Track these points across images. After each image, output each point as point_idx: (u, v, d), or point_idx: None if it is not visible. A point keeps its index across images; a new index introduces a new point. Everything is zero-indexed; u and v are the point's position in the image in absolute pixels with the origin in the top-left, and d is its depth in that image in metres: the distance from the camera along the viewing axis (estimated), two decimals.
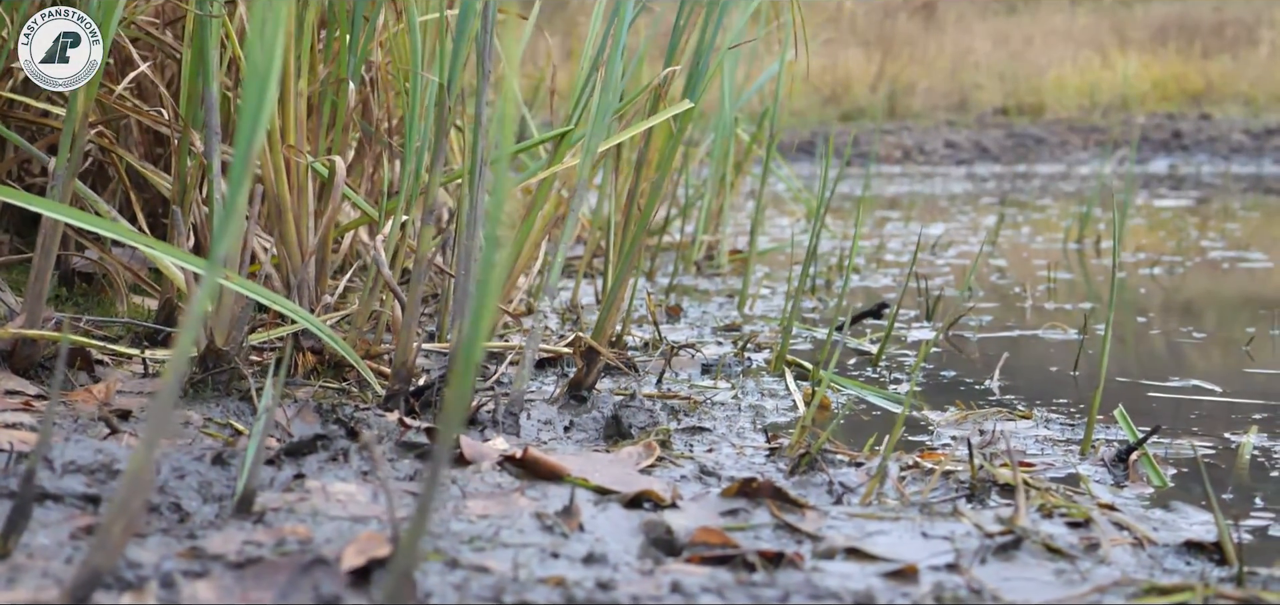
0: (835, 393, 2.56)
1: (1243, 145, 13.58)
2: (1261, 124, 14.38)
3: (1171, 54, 17.71)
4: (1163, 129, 14.52)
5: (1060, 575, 1.43)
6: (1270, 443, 2.15)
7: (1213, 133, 14.18)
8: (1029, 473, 1.92)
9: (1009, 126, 15.23)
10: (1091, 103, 16.38)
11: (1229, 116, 15.23)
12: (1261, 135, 13.84)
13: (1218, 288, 4.24)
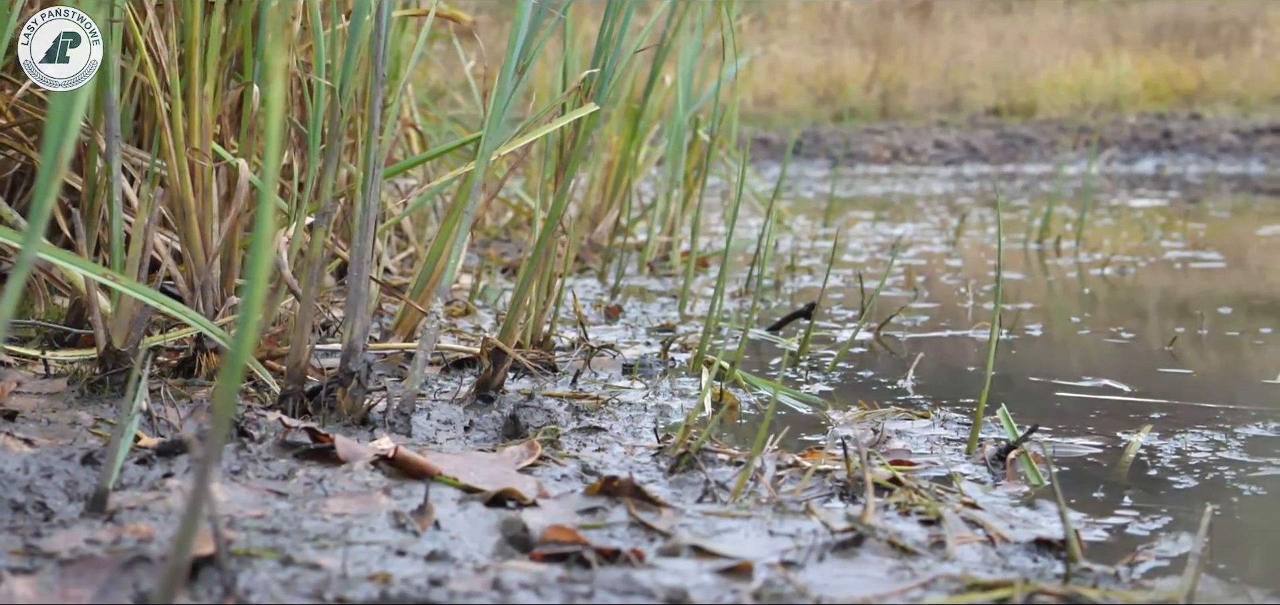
0: (749, 392, 2.58)
1: (1231, 145, 13.58)
2: (1251, 124, 14.38)
3: (1165, 54, 17.71)
4: (1152, 129, 14.53)
5: (892, 572, 1.45)
6: (1159, 442, 2.18)
7: (1202, 133, 14.18)
8: (905, 471, 1.94)
9: (1000, 126, 15.23)
10: (1083, 102, 16.38)
11: (1219, 116, 15.23)
12: (1250, 135, 13.84)
13: (1163, 288, 4.26)
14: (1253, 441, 2.19)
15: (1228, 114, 15.44)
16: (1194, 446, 2.15)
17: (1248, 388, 2.71)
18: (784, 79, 18.73)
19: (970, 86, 17.52)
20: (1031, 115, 16.28)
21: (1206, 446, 2.15)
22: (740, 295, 3.96)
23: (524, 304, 2.42)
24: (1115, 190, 9.25)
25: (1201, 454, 2.10)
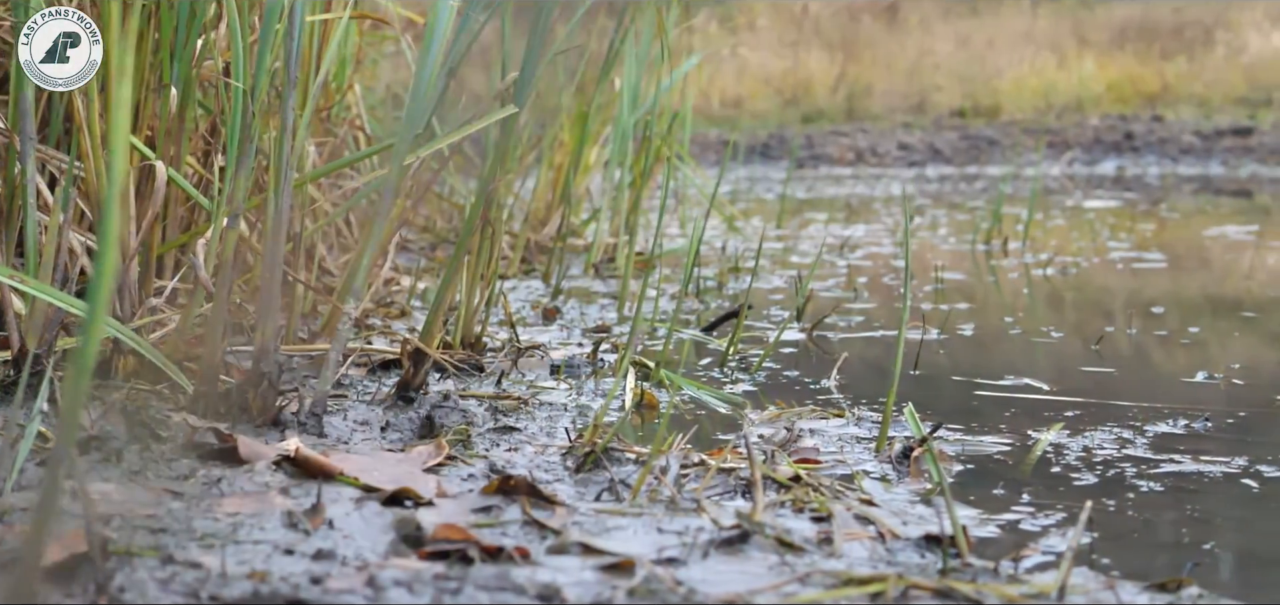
0: (672, 392, 2.60)
1: (1192, 146, 13.66)
2: (1212, 126, 14.46)
3: (1129, 56, 17.79)
4: (1115, 130, 14.60)
5: (773, 568, 1.47)
6: (1068, 440, 2.20)
7: (1164, 134, 14.26)
8: (810, 469, 1.96)
9: (964, 128, 15.29)
10: (1047, 104, 16.44)
11: (1181, 118, 15.31)
12: (1211, 137, 13.91)
13: (1101, 288, 4.29)
14: (1160, 439, 2.21)
15: (1190, 116, 15.53)
16: (1101, 444, 2.17)
17: (1166, 386, 2.73)
18: (751, 81, 18.76)
19: (936, 88, 17.57)
20: (996, 117, 16.34)
21: (1114, 444, 2.18)
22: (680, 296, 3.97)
23: (444, 306, 2.44)
24: (1072, 192, 9.29)
25: (1107, 451, 2.13)
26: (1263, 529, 1.78)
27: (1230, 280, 4.59)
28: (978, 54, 18.54)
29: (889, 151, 13.93)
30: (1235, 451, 2.12)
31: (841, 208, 7.97)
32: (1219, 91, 16.50)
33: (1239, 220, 6.90)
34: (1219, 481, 1.97)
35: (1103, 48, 18.40)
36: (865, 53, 19.19)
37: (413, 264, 4.48)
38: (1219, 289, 4.42)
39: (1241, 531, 1.75)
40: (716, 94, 18.31)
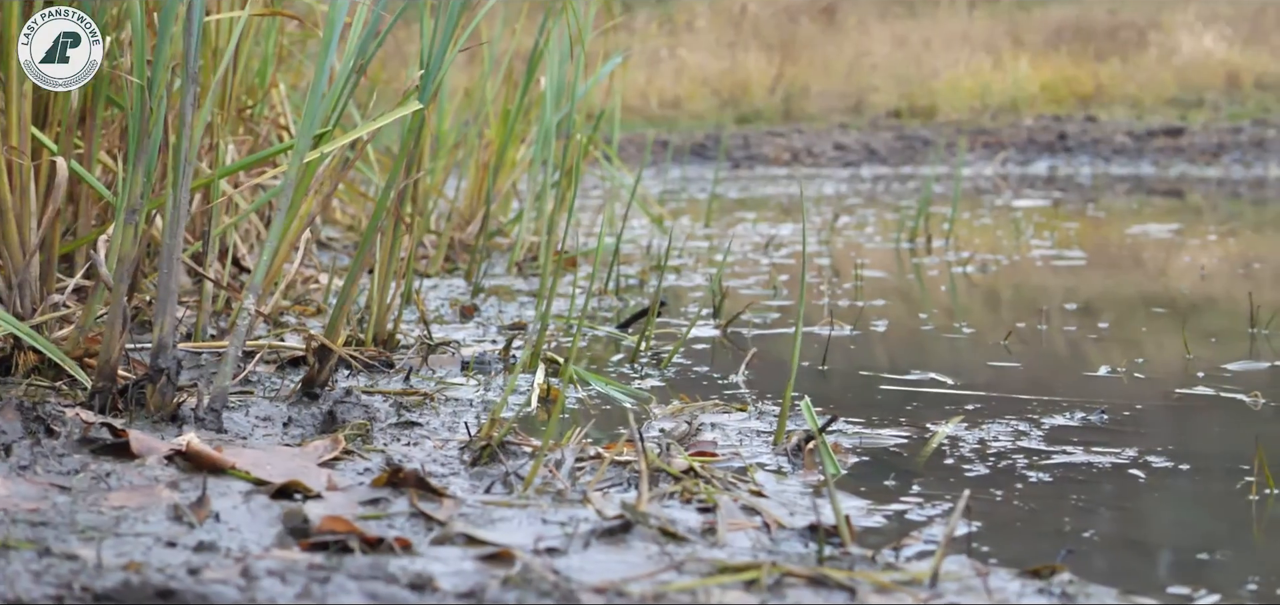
0: (581, 387, 2.61)
1: (1125, 147, 13.78)
2: (1144, 126, 14.60)
3: (1063, 57, 17.93)
4: (1049, 131, 14.71)
5: (651, 557, 1.49)
6: (965, 432, 2.23)
7: (1097, 134, 14.38)
8: (706, 462, 1.98)
9: (899, 129, 15.37)
10: (982, 105, 16.56)
11: (1115, 118, 15.45)
12: (1143, 137, 14.05)
13: (1018, 285, 4.34)
14: (1055, 431, 2.25)
15: (1123, 116, 15.67)
16: (997, 436, 2.20)
17: (1069, 380, 2.77)
18: (690, 82, 18.80)
19: (873, 89, 17.66)
20: (932, 118, 16.43)
21: (1009, 436, 2.20)
22: (600, 293, 4.00)
23: (349, 302, 2.44)
24: (1003, 192, 9.37)
25: (1002, 443, 2.16)
26: (1143, 518, 1.81)
27: (1145, 277, 4.65)
28: (914, 55, 18.65)
29: (825, 152, 13.99)
30: (1127, 443, 2.15)
31: (773, 208, 8.00)
32: (1152, 92, 16.65)
33: (1163, 219, 6.98)
34: (1107, 472, 2.00)
35: (1038, 49, 18.53)
36: (803, 54, 19.27)
37: (334, 262, 4.47)
38: (1133, 286, 4.47)
39: (1123, 521, 1.78)
40: (655, 94, 18.34)
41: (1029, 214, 7.26)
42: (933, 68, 17.96)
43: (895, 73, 18.00)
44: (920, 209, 5.69)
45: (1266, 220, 7.23)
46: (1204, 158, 13.06)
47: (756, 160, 13.79)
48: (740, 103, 18.11)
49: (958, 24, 20.18)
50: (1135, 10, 19.64)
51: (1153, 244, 5.63)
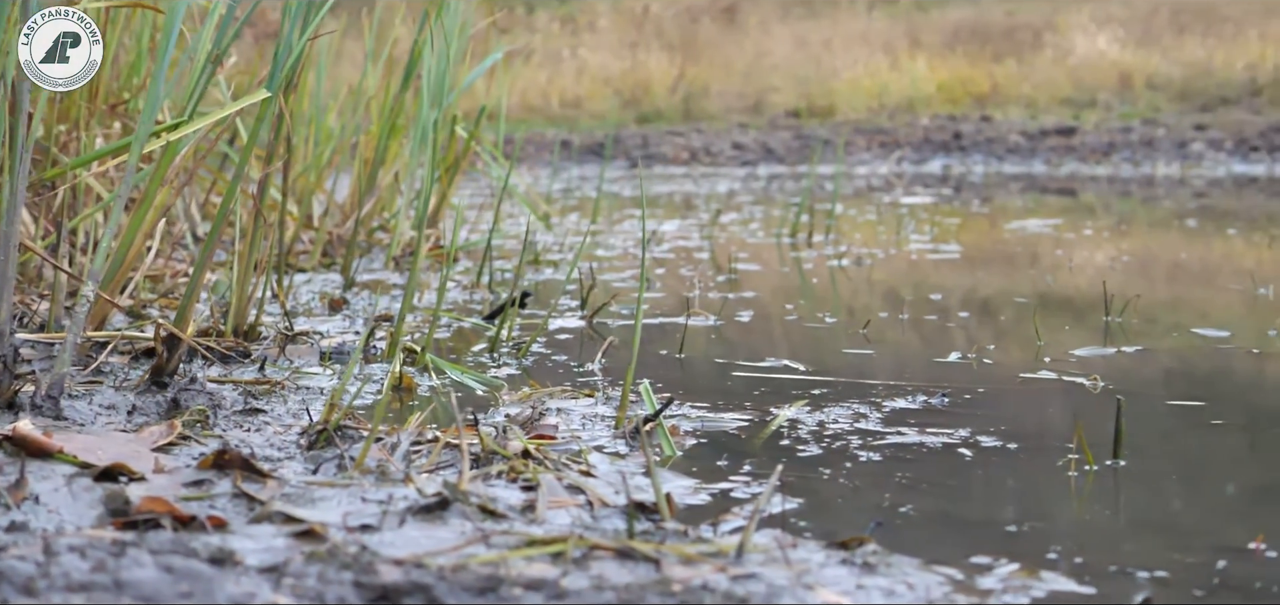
0: (439, 376, 2.63)
1: (1018, 146, 13.97)
2: (1037, 126, 14.80)
3: (960, 58, 18.13)
4: (944, 130, 14.88)
5: (464, 532, 1.51)
6: (806, 415, 2.26)
7: (991, 134, 14.56)
8: (544, 444, 2.00)
9: (798, 128, 15.49)
10: (880, 105, 16.71)
11: (1009, 118, 15.65)
12: (1036, 136, 14.24)
13: (889, 277, 4.39)
14: (895, 413, 2.29)
15: (1017, 116, 15.87)
16: (836, 419, 2.24)
17: (919, 366, 2.82)
18: (591, 82, 18.83)
19: (773, 89, 17.77)
20: (830, 117, 16.56)
21: (848, 418, 2.24)
22: (472, 287, 4.01)
23: (197, 292, 2.44)
24: (894, 189, 9.47)
25: (840, 425, 2.19)
26: (962, 494, 1.85)
27: (1014, 270, 4.72)
28: (814, 55, 18.78)
29: (723, 151, 14.06)
30: (962, 424, 2.20)
31: (664, 205, 8.04)
32: (1046, 92, 16.88)
33: (1045, 215, 7.09)
34: (937, 451, 2.04)
35: (936, 50, 18.73)
36: (704, 54, 19.35)
37: None
38: (1001, 279, 4.54)
39: (942, 496, 1.82)
40: (556, 94, 18.36)
41: (914, 210, 7.34)
42: (832, 68, 18.10)
43: (795, 73, 18.13)
44: (802, 205, 5.74)
45: (1146, 217, 7.36)
46: (1095, 157, 13.26)
47: (655, 159, 13.83)
48: (641, 102, 18.16)
49: (857, 25, 20.35)
50: (1032, 12, 19.90)
51: (1029, 239, 5.72)
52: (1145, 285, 4.20)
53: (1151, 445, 2.11)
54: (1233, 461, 2.06)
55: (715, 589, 1.34)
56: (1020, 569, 1.48)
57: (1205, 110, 15.55)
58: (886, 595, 1.39)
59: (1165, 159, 12.95)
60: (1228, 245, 5.47)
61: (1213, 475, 1.98)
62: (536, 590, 1.29)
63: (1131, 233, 6.20)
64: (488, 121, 6.19)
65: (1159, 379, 2.72)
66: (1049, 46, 18.39)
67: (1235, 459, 2.07)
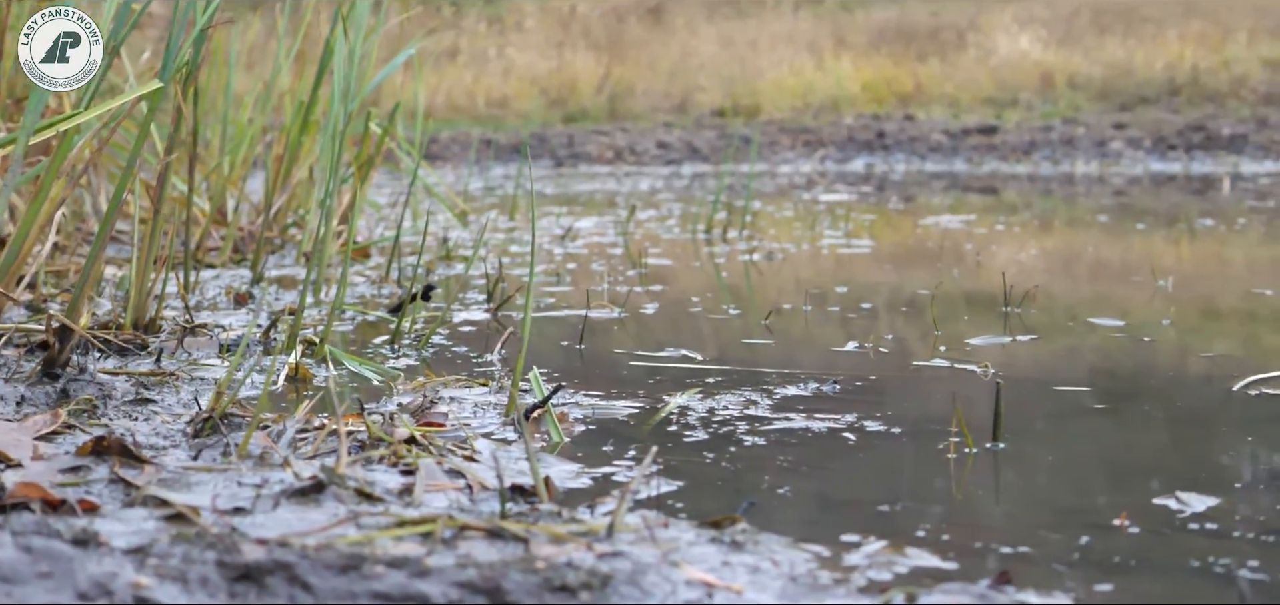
0: (336, 367, 2.63)
1: (940, 145, 14.08)
2: (960, 125, 14.93)
3: (884, 57, 18.25)
4: (868, 129, 14.98)
5: (336, 515, 1.52)
6: (697, 403, 2.28)
7: (914, 133, 14.67)
8: (433, 431, 2.01)
9: (723, 127, 15.54)
10: (804, 104, 16.80)
11: (932, 117, 15.77)
12: (959, 135, 14.36)
13: (799, 271, 4.42)
14: (786, 400, 2.31)
15: (940, 115, 16.00)
16: (727, 406, 2.26)
17: (814, 355, 2.85)
18: (518, 81, 18.82)
19: (699, 88, 17.82)
20: (756, 116, 16.63)
21: (739, 405, 2.26)
22: (381, 282, 4.01)
23: (89, 285, 2.43)
24: (816, 186, 9.52)
25: (730, 412, 2.22)
26: (841, 476, 1.87)
27: (922, 263, 4.76)
28: (740, 55, 18.86)
29: (648, 150, 14.09)
30: (850, 410, 2.22)
31: (585, 202, 8.05)
32: (969, 92, 17.03)
33: (959, 212, 7.15)
34: (822, 436, 2.06)
35: (861, 50, 18.85)
36: (630, 53, 19.38)
37: (119, 254, 4.43)
38: (908, 271, 4.58)
39: (821, 479, 1.84)
40: (482, 94, 18.33)
41: (832, 208, 7.39)
42: (757, 68, 18.18)
43: (721, 72, 18.19)
44: (716, 201, 5.77)
45: (1061, 214, 7.44)
46: (1015, 155, 13.39)
47: (580, 158, 13.84)
48: (567, 102, 18.17)
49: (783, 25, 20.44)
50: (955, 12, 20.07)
51: (941, 234, 5.77)
52: (1050, 278, 4.26)
53: (1032, 428, 2.14)
54: (1108, 443, 2.10)
55: (580, 566, 1.35)
56: (887, 546, 1.51)
57: (1125, 109, 15.73)
58: (751, 571, 1.41)
59: (1085, 157, 13.09)
60: (1136, 240, 5.55)
61: (1087, 457, 2.02)
62: (399, 568, 1.30)
63: (1043, 228, 6.27)
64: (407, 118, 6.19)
65: (1049, 366, 2.76)
66: (972, 47, 18.55)
67: (1111, 441, 2.11)
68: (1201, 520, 1.62)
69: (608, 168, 12.93)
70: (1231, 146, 13.16)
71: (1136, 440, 2.14)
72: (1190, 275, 4.33)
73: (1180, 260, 4.81)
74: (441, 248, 4.97)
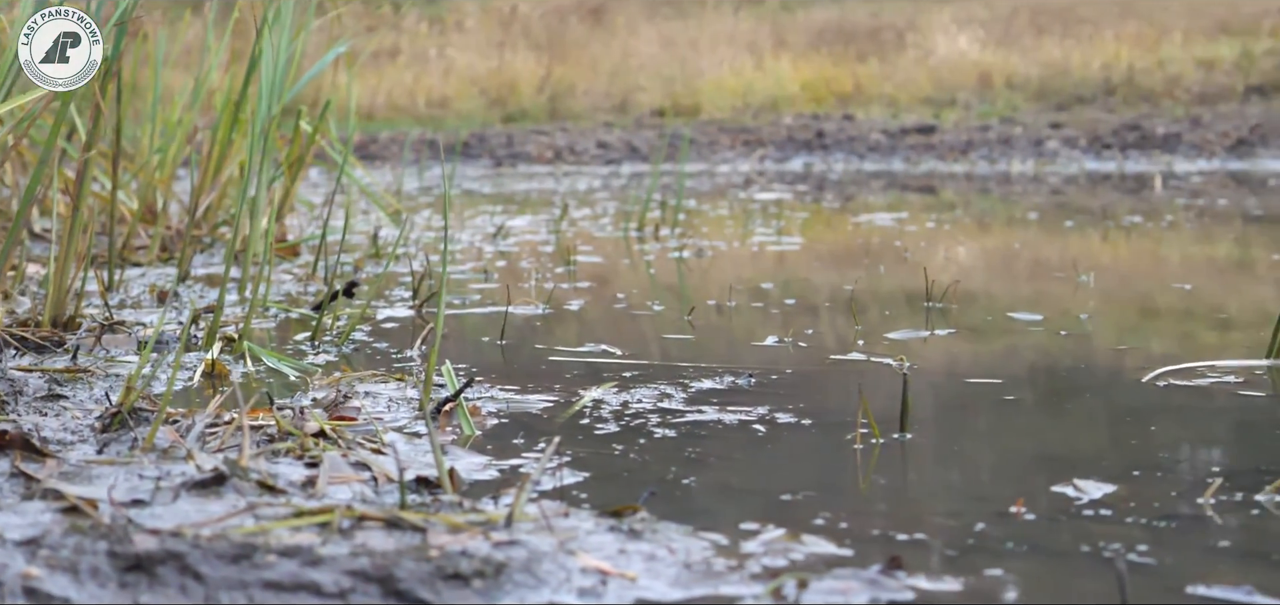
0: (255, 363, 2.62)
1: (879, 144, 14.15)
2: (898, 124, 15.01)
3: (824, 57, 18.33)
4: (808, 129, 15.04)
5: (235, 505, 1.52)
6: (613, 396, 2.29)
7: (853, 133, 14.74)
8: (343, 425, 2.01)
9: (662, 127, 15.56)
10: (744, 104, 16.85)
11: (871, 117, 15.85)
12: (897, 135, 14.43)
13: (726, 267, 4.45)
14: (699, 393, 2.32)
15: (879, 115, 16.09)
16: (641, 399, 2.27)
17: (733, 350, 2.87)
18: (458, 82, 18.80)
19: (639, 88, 17.85)
20: (696, 116, 16.67)
21: (654, 398, 2.28)
22: (307, 279, 4.00)
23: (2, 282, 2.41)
24: (753, 186, 9.55)
25: (643, 405, 2.23)
26: (747, 467, 1.89)
27: (850, 259, 4.79)
28: (680, 55, 18.89)
29: (588, 150, 14.09)
30: (763, 403, 2.24)
31: (521, 202, 8.06)
32: (908, 92, 17.13)
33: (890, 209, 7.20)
34: (732, 428, 2.08)
35: (800, 50, 18.92)
36: (571, 53, 19.39)
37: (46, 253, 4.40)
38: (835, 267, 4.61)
39: (727, 469, 1.86)
40: (423, 94, 18.30)
41: (767, 206, 7.42)
42: (698, 68, 18.22)
43: (661, 72, 18.23)
44: (648, 199, 5.79)
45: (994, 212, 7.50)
46: (953, 155, 13.47)
47: (520, 158, 13.83)
48: (508, 102, 18.16)
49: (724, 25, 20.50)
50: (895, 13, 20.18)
51: (872, 232, 5.80)
52: (975, 275, 4.30)
53: (939, 419, 2.17)
54: (1013, 433, 2.12)
55: (474, 555, 1.36)
56: (785, 534, 1.52)
57: (1061, 109, 15.87)
58: (646, 559, 1.42)
59: (1021, 156, 13.19)
60: (1064, 238, 5.60)
61: (991, 446, 2.04)
62: (292, 557, 1.31)
63: (975, 227, 6.32)
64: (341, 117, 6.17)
65: (964, 359, 2.79)
66: (912, 47, 18.65)
67: (1016, 431, 2.14)
68: (1096, 507, 1.65)
69: (547, 167, 12.93)
70: (1165, 146, 13.30)
71: (1041, 430, 2.17)
72: (1113, 272, 4.38)
73: (1105, 257, 4.86)
74: (372, 245, 4.96)
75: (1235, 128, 13.79)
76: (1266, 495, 1.69)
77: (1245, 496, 1.69)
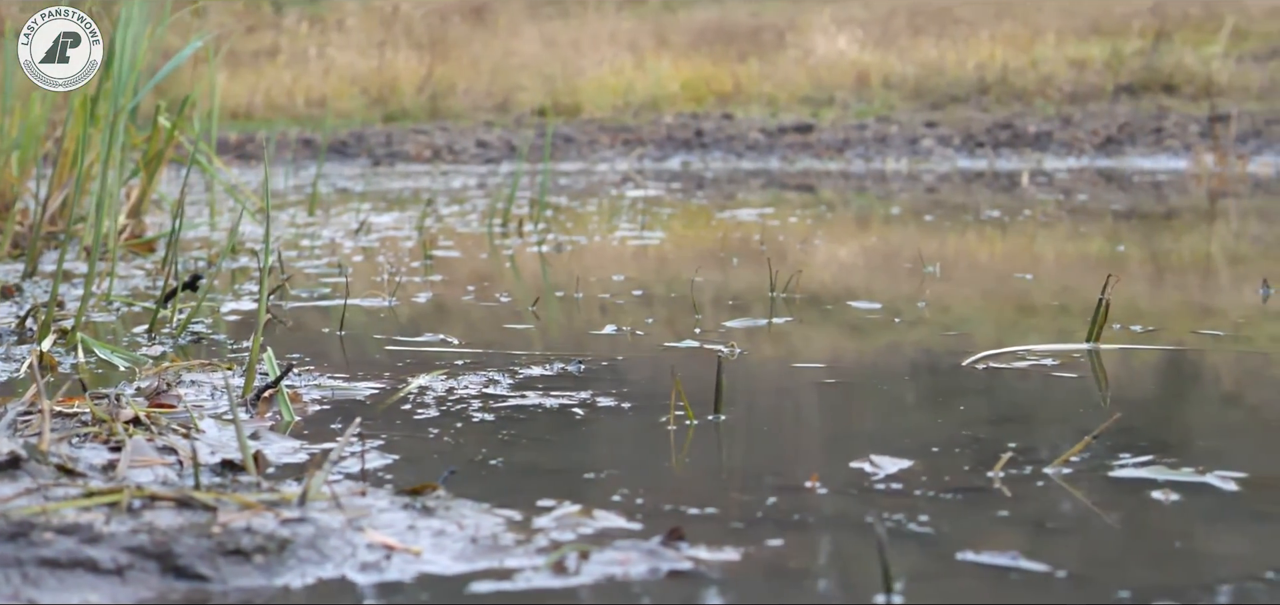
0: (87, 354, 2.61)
1: (758, 143, 14.26)
2: (777, 123, 15.14)
3: (705, 57, 18.43)
4: (687, 128, 15.12)
5: (27, 488, 1.52)
6: (440, 383, 2.31)
7: (732, 132, 14.84)
8: (161, 412, 2.01)
9: (543, 126, 15.56)
10: (625, 103, 16.90)
11: (750, 116, 15.96)
12: (775, 134, 14.56)
13: (581, 261, 4.47)
14: (526, 380, 2.35)
15: (758, 114, 16.20)
16: (468, 386, 2.29)
17: (570, 338, 2.90)
18: (338, 81, 18.68)
19: (520, 88, 17.84)
20: (576, 115, 16.69)
21: (480, 385, 2.30)
22: (157, 274, 3.98)
23: None
24: (626, 183, 9.59)
25: (468, 392, 2.25)
26: (557, 447, 1.92)
27: (705, 252, 4.84)
28: (562, 55, 18.91)
29: (467, 149, 14.08)
30: (587, 388, 2.27)
31: (393, 199, 8.03)
32: (787, 91, 17.26)
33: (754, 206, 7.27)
34: (551, 412, 2.11)
35: (682, 50, 19.00)
36: (453, 53, 19.34)
37: None
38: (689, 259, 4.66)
39: (536, 450, 1.89)
40: (302, 93, 18.17)
41: (636, 203, 7.46)
42: (579, 67, 18.24)
43: (543, 72, 18.23)
44: (512, 194, 5.81)
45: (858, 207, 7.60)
46: (829, 153, 13.62)
47: (398, 157, 13.79)
48: (388, 101, 18.07)
49: (605, 25, 20.55)
50: (775, 13, 20.34)
51: (734, 227, 5.86)
52: (828, 267, 4.36)
53: (756, 402, 2.21)
54: (824, 414, 2.17)
55: (258, 531, 1.38)
56: (579, 510, 1.55)
57: (936, 108, 16.08)
58: (435, 535, 1.45)
59: (896, 155, 13.36)
60: (918, 230, 5.69)
61: (801, 426, 2.09)
62: (70, 535, 1.31)
63: (837, 222, 6.40)
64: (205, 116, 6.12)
65: (796, 345, 2.84)
66: (792, 47, 18.80)
67: (828, 412, 2.19)
68: (889, 481, 1.69)
69: (425, 167, 12.89)
70: (1036, 144, 13.52)
71: (853, 411, 2.22)
72: (961, 264, 4.47)
73: (956, 250, 4.95)
74: (230, 241, 4.94)
75: (1104, 126, 14.05)
76: (1054, 469, 1.75)
77: (1034, 470, 1.75)
